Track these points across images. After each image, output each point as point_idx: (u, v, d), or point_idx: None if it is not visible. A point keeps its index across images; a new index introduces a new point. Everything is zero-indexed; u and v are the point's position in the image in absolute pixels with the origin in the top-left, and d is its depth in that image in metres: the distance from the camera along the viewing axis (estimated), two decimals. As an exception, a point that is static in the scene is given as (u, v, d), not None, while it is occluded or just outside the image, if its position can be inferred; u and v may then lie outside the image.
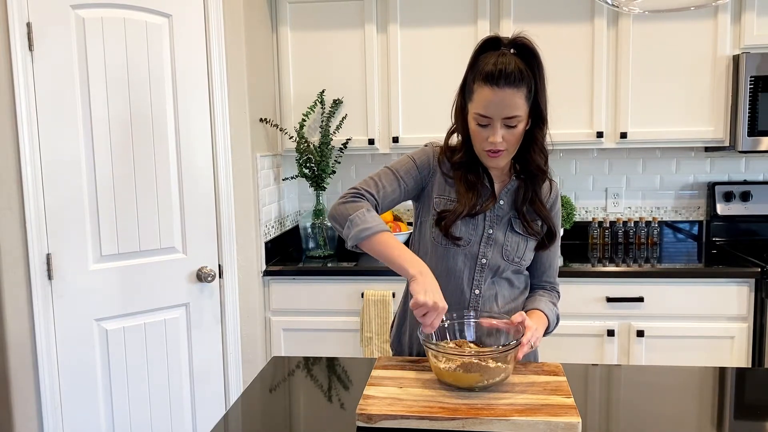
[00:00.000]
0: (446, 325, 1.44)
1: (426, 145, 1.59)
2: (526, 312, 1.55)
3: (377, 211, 1.51)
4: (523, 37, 1.40)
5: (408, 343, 1.63)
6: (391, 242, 1.42)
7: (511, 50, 1.40)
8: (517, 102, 1.37)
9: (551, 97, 1.47)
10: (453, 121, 1.52)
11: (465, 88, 1.46)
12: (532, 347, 1.37)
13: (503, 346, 1.35)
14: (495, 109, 1.38)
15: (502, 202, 1.52)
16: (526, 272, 1.61)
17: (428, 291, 1.32)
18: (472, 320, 1.47)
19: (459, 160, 1.50)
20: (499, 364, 1.29)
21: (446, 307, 1.32)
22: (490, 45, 1.42)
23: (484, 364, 1.28)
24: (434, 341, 1.40)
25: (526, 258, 1.56)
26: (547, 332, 1.57)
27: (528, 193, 1.51)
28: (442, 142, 1.57)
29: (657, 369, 1.58)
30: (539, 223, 1.53)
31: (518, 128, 1.41)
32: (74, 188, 2.11)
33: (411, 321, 1.61)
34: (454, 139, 1.54)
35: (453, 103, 1.51)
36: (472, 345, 1.41)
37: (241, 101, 2.49)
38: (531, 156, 1.48)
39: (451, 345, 1.40)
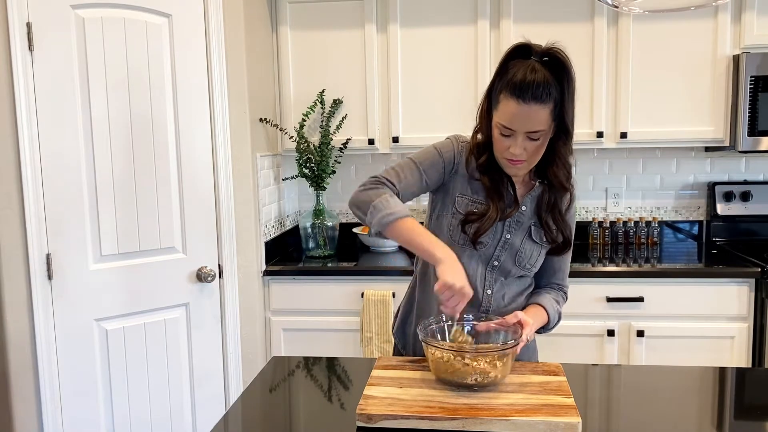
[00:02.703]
0: (445, 326, 1.44)
1: (448, 138, 1.55)
2: (526, 306, 1.55)
3: None
4: (556, 49, 1.34)
5: (413, 335, 1.63)
6: (416, 227, 1.42)
7: (544, 58, 1.35)
8: (541, 117, 1.33)
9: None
10: (478, 122, 1.48)
11: (492, 94, 1.42)
12: (527, 342, 1.39)
13: (502, 344, 1.35)
14: (519, 123, 1.34)
15: (524, 208, 1.51)
16: None
17: (456, 275, 1.33)
18: (471, 323, 1.46)
19: (484, 161, 1.47)
20: (497, 362, 1.29)
21: (471, 293, 1.34)
22: (521, 52, 1.37)
23: (482, 363, 1.28)
24: (434, 338, 1.40)
25: (537, 265, 1.55)
26: (546, 329, 1.57)
27: (550, 201, 1.50)
28: (465, 137, 1.54)
29: (657, 369, 1.58)
30: (555, 231, 1.52)
31: (540, 141, 1.38)
32: (74, 188, 2.11)
33: (417, 313, 1.61)
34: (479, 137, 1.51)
35: (479, 106, 1.47)
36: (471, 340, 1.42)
37: (241, 101, 2.49)
38: (553, 169, 1.45)
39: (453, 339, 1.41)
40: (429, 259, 1.40)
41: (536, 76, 1.31)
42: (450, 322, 1.43)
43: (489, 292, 1.54)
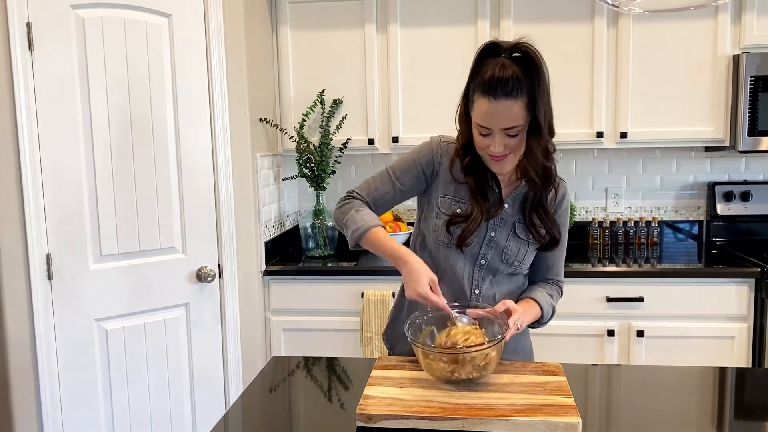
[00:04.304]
0: (432, 317, 1.45)
1: (430, 138, 1.56)
2: (519, 300, 1.55)
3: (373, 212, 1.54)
4: (524, 44, 1.35)
5: (402, 336, 1.63)
6: (381, 236, 1.48)
7: (514, 54, 1.36)
8: (515, 113, 1.34)
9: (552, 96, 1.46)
10: (457, 125, 1.49)
11: (467, 95, 1.43)
12: (518, 329, 1.38)
13: (489, 341, 1.34)
14: (493, 121, 1.35)
15: (506, 206, 1.51)
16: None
17: (415, 281, 1.39)
18: (456, 312, 1.46)
19: (468, 163, 1.48)
20: (483, 358, 1.29)
21: (435, 278, 1.41)
22: (491, 51, 1.38)
23: (472, 356, 1.28)
24: (422, 339, 1.40)
25: (526, 262, 1.55)
26: (540, 323, 1.56)
27: (534, 199, 1.50)
28: (449, 136, 1.55)
29: (657, 369, 1.58)
30: (543, 230, 1.52)
31: (519, 137, 1.38)
32: (74, 188, 2.11)
33: (407, 315, 1.61)
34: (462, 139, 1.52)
35: (457, 109, 1.48)
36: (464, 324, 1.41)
37: (241, 101, 2.49)
38: (528, 165, 1.44)
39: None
40: (392, 262, 1.46)
41: (505, 72, 1.32)
42: (432, 315, 1.44)
43: (477, 291, 1.54)
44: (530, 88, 1.34)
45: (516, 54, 1.36)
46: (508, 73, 1.32)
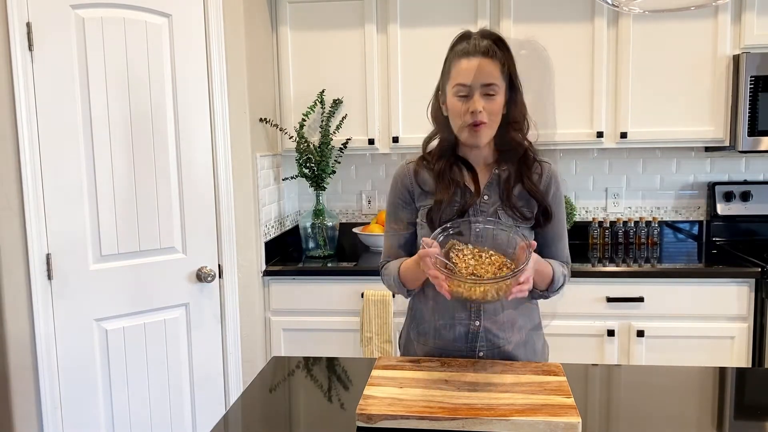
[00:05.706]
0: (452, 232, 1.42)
1: (395, 171, 1.63)
2: None
3: None
4: (489, 30, 1.48)
5: (405, 338, 1.65)
6: (405, 267, 1.52)
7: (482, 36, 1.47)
8: (492, 71, 1.42)
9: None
10: (432, 115, 1.58)
11: (440, 90, 1.52)
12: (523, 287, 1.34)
13: (514, 269, 1.31)
14: (472, 76, 1.42)
15: (486, 197, 1.51)
16: None
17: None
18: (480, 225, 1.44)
19: (436, 152, 1.55)
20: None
21: (437, 249, 1.34)
22: (462, 36, 1.49)
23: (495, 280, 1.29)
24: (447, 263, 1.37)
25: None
26: (552, 289, 1.52)
27: (516, 172, 1.49)
28: (410, 158, 1.62)
29: (657, 369, 1.58)
30: (532, 203, 1.50)
31: (497, 99, 1.43)
32: (74, 188, 2.11)
33: (410, 319, 1.63)
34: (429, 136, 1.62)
35: (429, 103, 1.56)
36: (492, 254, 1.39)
37: (241, 101, 2.49)
38: (508, 133, 1.49)
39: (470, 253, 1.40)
40: (421, 273, 1.39)
41: (478, 40, 1.44)
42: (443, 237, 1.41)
43: None
44: (504, 57, 1.44)
45: (482, 36, 1.47)
46: (483, 42, 1.44)
